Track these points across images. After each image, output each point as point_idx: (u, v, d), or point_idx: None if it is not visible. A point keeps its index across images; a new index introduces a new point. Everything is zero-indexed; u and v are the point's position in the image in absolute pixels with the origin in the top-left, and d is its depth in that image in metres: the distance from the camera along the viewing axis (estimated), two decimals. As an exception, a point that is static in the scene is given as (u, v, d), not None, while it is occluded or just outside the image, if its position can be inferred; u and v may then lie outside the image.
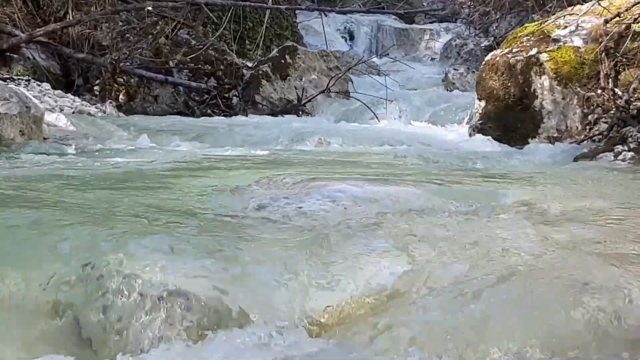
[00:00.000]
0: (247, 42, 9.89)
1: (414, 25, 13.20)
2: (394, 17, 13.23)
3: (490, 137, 5.48)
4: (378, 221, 2.24)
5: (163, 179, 3.19)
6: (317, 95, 8.02)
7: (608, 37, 5.22)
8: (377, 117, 7.32)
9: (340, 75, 8.21)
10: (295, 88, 8.12)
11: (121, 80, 8.04)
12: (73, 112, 7.04)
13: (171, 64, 8.31)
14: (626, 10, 5.34)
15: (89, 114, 7.18)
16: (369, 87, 8.30)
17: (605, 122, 5.11)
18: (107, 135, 5.54)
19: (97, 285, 1.77)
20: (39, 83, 7.56)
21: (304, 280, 1.84)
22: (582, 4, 5.94)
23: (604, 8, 5.44)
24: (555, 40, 5.51)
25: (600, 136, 5.05)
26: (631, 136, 4.64)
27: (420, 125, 6.86)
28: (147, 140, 5.26)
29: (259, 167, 3.76)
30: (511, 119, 5.48)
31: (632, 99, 4.99)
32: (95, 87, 8.03)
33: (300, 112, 7.92)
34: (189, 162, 3.94)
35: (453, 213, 2.41)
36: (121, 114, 7.65)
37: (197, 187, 2.92)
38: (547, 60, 5.39)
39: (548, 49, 5.46)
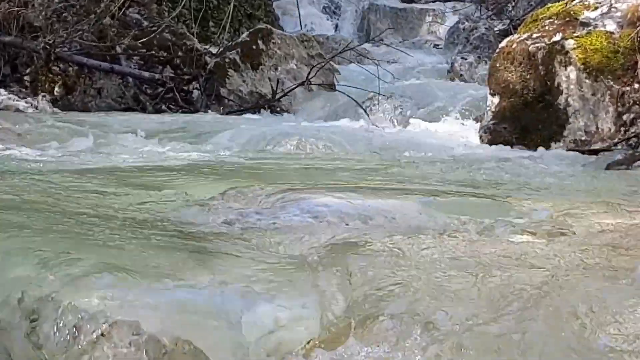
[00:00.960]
0: (211, 23, 9.88)
1: (413, 5, 13.24)
2: (389, -6, 13.28)
3: (505, 140, 5.49)
4: (371, 242, 2.23)
5: (105, 189, 3.16)
6: (294, 87, 8.00)
7: (647, 21, 5.26)
8: (367, 114, 7.31)
9: (322, 63, 8.18)
10: (270, 80, 8.10)
11: (57, 69, 8.00)
12: (-2, 108, 7.00)
13: (118, 49, 8.28)
14: (669, -12, 5.39)
15: (18, 109, 7.14)
16: (359, 79, 8.30)
17: (644, 123, 5.14)
18: (39, 136, 5.50)
19: (29, 318, 1.75)
20: (-45, 72, 7.50)
21: (276, 314, 1.82)
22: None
23: (642, -15, 5.48)
24: (584, 24, 5.53)
25: (636, 139, 5.07)
26: (674, 140, 4.68)
27: (420, 125, 6.87)
28: (86, 142, 5.23)
29: (225, 176, 3.76)
30: (530, 118, 5.50)
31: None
32: (25, 78, 7.98)
33: (276, 109, 7.90)
34: (137, 170, 3.92)
35: (460, 233, 2.41)
36: (57, 110, 7.60)
37: (147, 200, 2.90)
38: (574, 48, 5.41)
39: (575, 35, 5.48)
